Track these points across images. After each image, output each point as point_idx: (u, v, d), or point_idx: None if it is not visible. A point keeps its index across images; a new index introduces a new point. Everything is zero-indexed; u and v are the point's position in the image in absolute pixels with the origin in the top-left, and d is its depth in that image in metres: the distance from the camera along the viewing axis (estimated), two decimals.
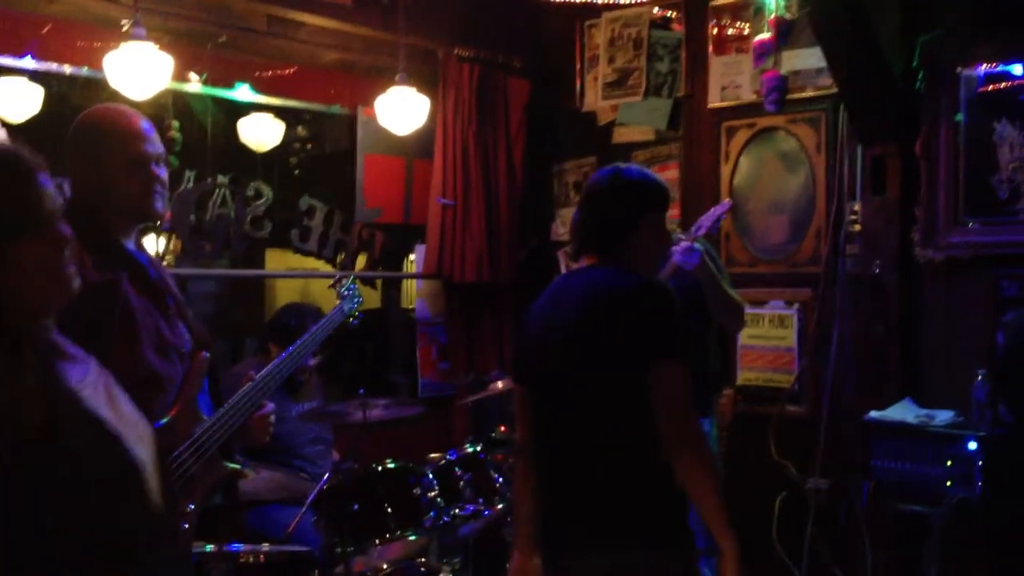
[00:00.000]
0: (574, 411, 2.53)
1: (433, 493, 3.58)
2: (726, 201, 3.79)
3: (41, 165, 1.55)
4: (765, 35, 4.66)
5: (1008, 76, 4.02)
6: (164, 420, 2.42)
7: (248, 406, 2.61)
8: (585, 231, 2.68)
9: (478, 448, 3.85)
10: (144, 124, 2.55)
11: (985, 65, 4.06)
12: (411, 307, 5.74)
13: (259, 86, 5.31)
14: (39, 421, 1.40)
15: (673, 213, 5.10)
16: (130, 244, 2.52)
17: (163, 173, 2.54)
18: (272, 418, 2.74)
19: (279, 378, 2.74)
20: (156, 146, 2.55)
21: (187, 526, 2.43)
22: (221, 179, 5.15)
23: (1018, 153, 3.99)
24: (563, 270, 5.58)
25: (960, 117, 4.10)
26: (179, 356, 2.51)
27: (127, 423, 1.59)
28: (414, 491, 3.54)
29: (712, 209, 3.90)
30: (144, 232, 2.94)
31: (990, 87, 4.07)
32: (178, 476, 2.40)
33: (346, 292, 3.39)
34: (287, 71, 5.46)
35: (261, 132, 5.30)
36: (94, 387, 1.60)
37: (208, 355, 2.60)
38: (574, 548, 2.51)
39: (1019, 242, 3.90)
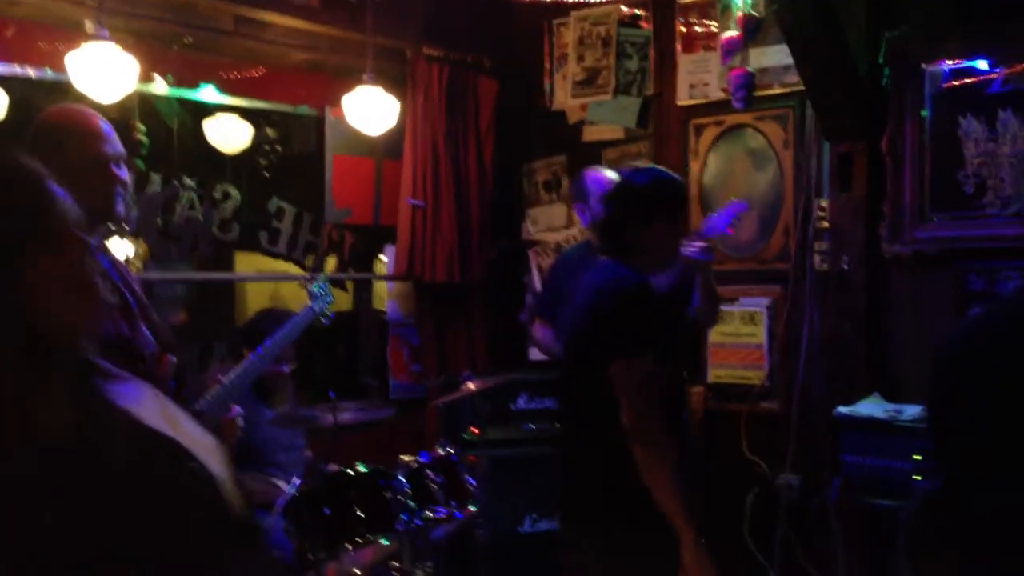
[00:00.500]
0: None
1: (405, 496, 3.55)
2: (740, 202, 3.83)
3: (46, 172, 1.49)
4: (732, 33, 4.66)
5: (973, 71, 4.05)
6: None
7: (217, 410, 2.59)
8: (600, 228, 3.07)
9: (450, 450, 3.83)
10: (103, 124, 2.52)
11: (950, 61, 4.09)
12: (382, 309, 5.71)
13: (226, 87, 5.27)
14: (75, 443, 1.31)
15: None
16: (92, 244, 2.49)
17: (123, 174, 2.51)
18: (240, 421, 2.71)
19: (248, 381, 2.73)
20: (116, 146, 2.52)
21: None
22: (188, 181, 5.10)
23: (983, 148, 4.02)
24: (534, 269, 5.58)
25: (926, 113, 4.13)
26: (141, 359, 2.49)
27: (193, 440, 1.52)
28: (386, 494, 3.51)
29: (725, 208, 3.87)
30: (108, 235, 2.90)
31: (955, 83, 4.09)
32: None
33: (318, 291, 3.37)
34: (254, 72, 5.42)
35: (228, 134, 5.25)
36: (151, 407, 1.52)
37: (174, 359, 2.57)
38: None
39: (985, 236, 3.93)
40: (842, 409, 3.94)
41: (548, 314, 4.19)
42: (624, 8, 5.22)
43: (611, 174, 4.15)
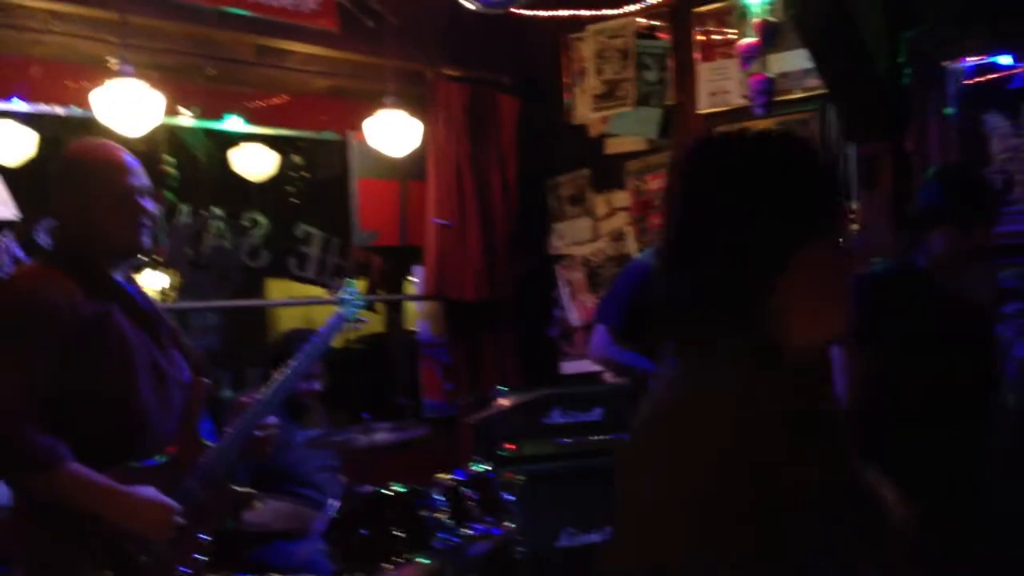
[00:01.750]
0: None
1: (442, 515, 3.56)
2: None
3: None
4: (750, 39, 4.66)
5: (995, 67, 4.03)
6: (161, 459, 2.43)
7: (252, 426, 2.62)
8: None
9: (485, 467, 3.84)
10: (127, 157, 2.56)
11: (971, 58, 4.07)
12: (413, 329, 5.73)
13: (250, 116, 5.33)
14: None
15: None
16: (118, 276, 2.52)
17: (150, 206, 2.55)
18: (275, 430, 2.74)
19: (280, 397, 2.75)
20: (141, 179, 2.55)
21: (200, 557, 2.43)
22: (216, 211, 5.16)
23: (1009, 143, 3.99)
24: (562, 283, 5.58)
25: (949, 111, 4.10)
26: (178, 386, 2.52)
27: None
28: (422, 513, 3.52)
29: None
30: (138, 267, 2.95)
31: (978, 79, 4.07)
32: (188, 506, 2.40)
33: (346, 297, 3.39)
34: (277, 100, 5.49)
35: (254, 162, 5.30)
36: None
37: (208, 382, 2.60)
38: None
39: (1016, 232, 3.89)
40: None
41: (617, 322, 3.89)
42: (641, 20, 5.23)
43: None
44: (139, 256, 2.66)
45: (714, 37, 4.97)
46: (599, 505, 4.58)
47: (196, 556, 2.43)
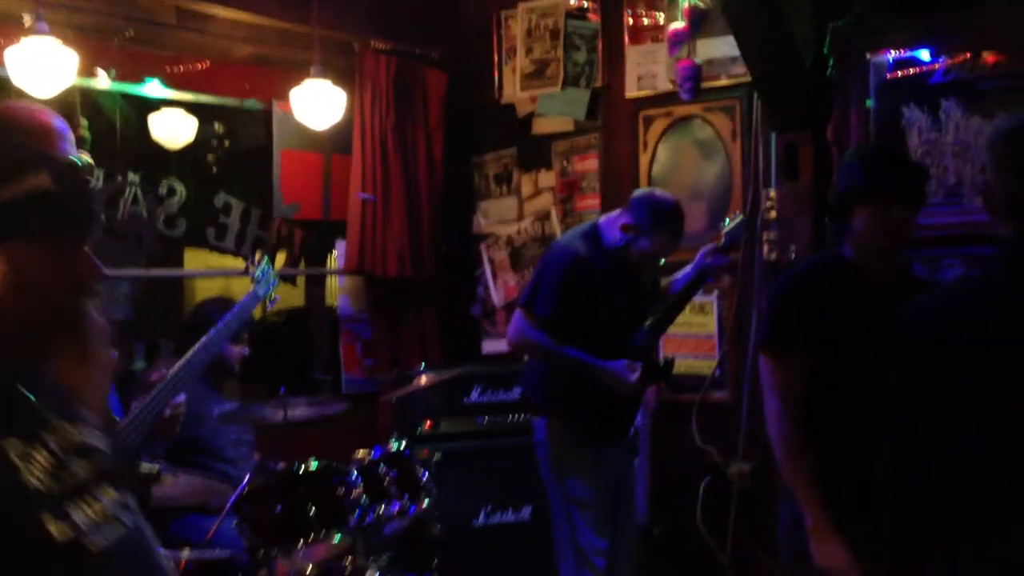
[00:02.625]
0: None
1: (358, 492, 3.53)
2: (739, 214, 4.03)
3: None
4: (679, 24, 4.68)
5: (916, 61, 4.10)
6: None
7: (161, 404, 2.56)
8: None
9: (403, 445, 3.82)
10: (58, 122, 2.46)
11: (894, 51, 4.14)
12: (334, 304, 5.67)
13: (170, 81, 5.19)
14: None
15: (593, 203, 5.13)
16: None
17: None
18: (183, 409, 2.68)
19: (194, 371, 2.69)
20: (72, 147, 2.46)
21: None
22: (132, 177, 5.02)
23: (926, 137, 4.07)
24: (486, 262, 5.57)
25: (870, 103, 4.17)
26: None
27: None
28: (338, 490, 3.49)
29: (736, 219, 4.03)
30: None
31: (899, 73, 4.14)
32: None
33: (260, 275, 3.32)
34: (199, 65, 5.35)
35: (173, 128, 5.17)
36: None
37: (116, 354, 2.53)
38: None
39: (928, 225, 3.97)
40: None
41: (548, 311, 3.73)
42: (572, 0, 5.22)
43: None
44: None
45: (644, 21, 4.98)
46: (517, 484, 4.60)
47: None
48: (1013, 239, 1.89)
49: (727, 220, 4.02)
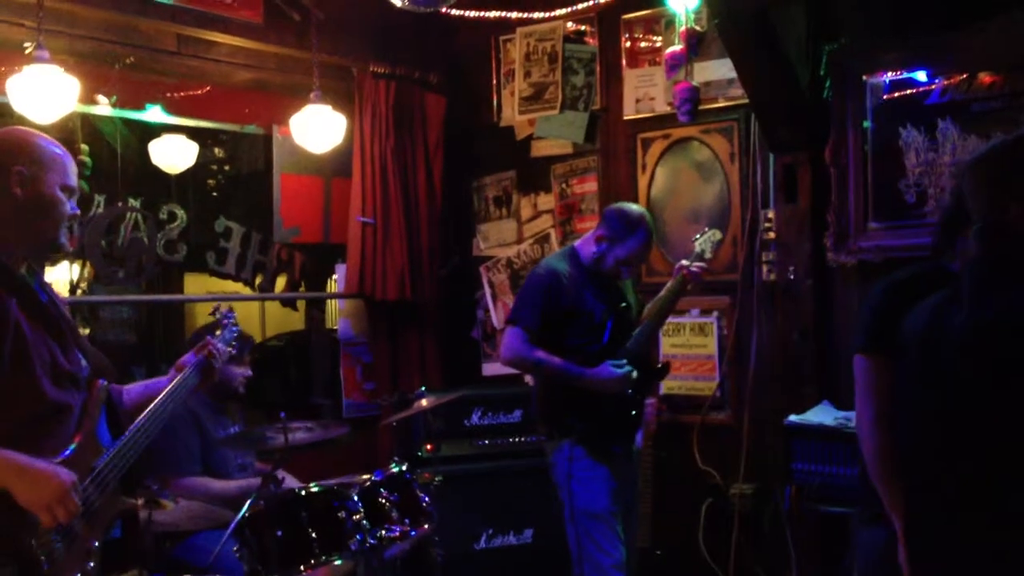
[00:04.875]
0: None
1: (359, 516, 3.51)
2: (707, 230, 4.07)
3: None
4: (676, 47, 4.71)
5: (912, 83, 4.13)
6: (68, 451, 2.35)
7: (147, 435, 2.55)
8: None
9: (404, 468, 3.81)
10: (57, 150, 2.48)
11: (890, 73, 4.16)
12: (334, 327, 5.68)
13: (171, 107, 5.23)
14: None
15: (592, 226, 5.14)
16: (22, 271, 2.44)
17: (73, 206, 2.48)
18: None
19: (174, 406, 2.67)
20: (72, 179, 2.49)
21: (92, 565, 2.36)
22: (133, 202, 5.04)
23: (924, 158, 4.09)
24: (485, 285, 5.58)
25: (867, 124, 4.19)
26: (76, 384, 2.44)
27: None
28: (339, 514, 3.47)
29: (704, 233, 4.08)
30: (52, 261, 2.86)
31: (895, 94, 4.17)
32: (84, 511, 2.32)
33: (224, 320, 3.29)
34: (199, 91, 5.39)
35: (173, 154, 5.21)
36: None
37: (105, 383, 2.53)
38: None
39: (927, 245, 3.97)
40: (792, 418, 3.98)
41: (534, 324, 3.87)
42: (569, 24, 5.25)
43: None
44: (53, 254, 2.58)
45: (641, 44, 5.02)
46: (519, 506, 4.59)
47: (89, 564, 2.35)
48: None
49: (698, 235, 4.07)
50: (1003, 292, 2.01)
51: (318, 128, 4.79)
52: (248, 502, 3.48)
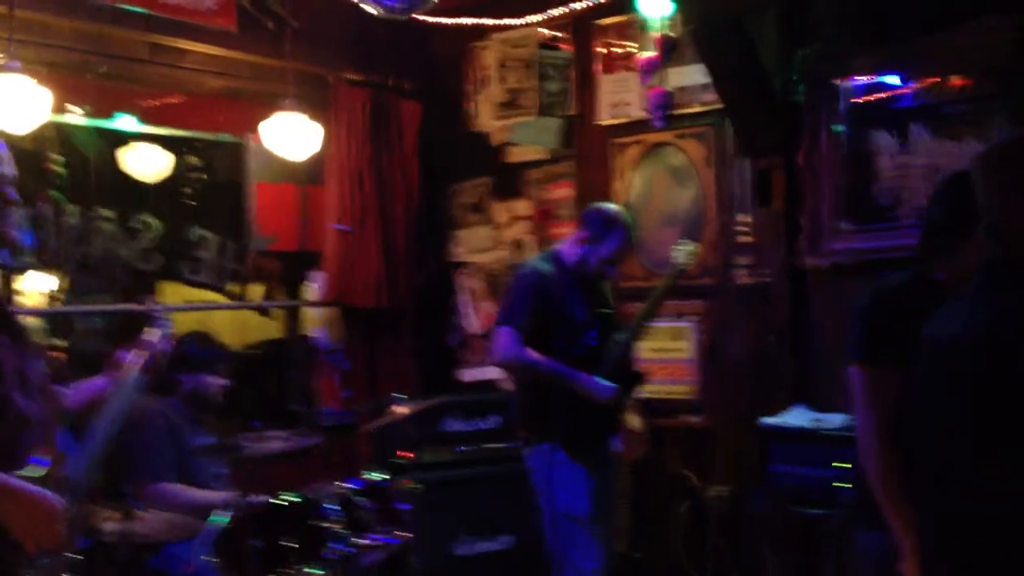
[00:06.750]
0: None
1: (336, 524, 3.52)
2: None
3: None
4: (650, 53, 4.73)
5: (884, 87, 4.16)
6: (42, 464, 2.33)
7: (108, 439, 2.54)
8: None
9: (381, 475, 3.81)
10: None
11: (862, 77, 4.20)
12: (310, 335, 5.66)
13: (144, 116, 5.19)
14: None
15: (568, 231, 5.15)
16: None
17: (12, 195, 2.46)
18: None
19: (126, 404, 2.66)
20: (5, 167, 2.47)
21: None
22: (106, 212, 5.00)
23: (896, 161, 4.13)
24: (462, 291, 5.58)
25: (840, 128, 4.22)
26: (39, 392, 2.42)
27: None
28: (316, 523, 3.48)
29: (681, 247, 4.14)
30: (22, 269, 2.84)
31: (867, 98, 4.20)
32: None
33: (156, 315, 3.30)
34: (173, 100, 5.36)
35: (147, 162, 5.17)
36: None
37: (61, 390, 2.52)
38: None
39: (900, 246, 4.01)
40: (768, 420, 4.00)
41: (524, 323, 3.90)
42: (544, 30, 5.26)
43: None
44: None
45: (615, 50, 5.03)
46: (498, 512, 4.59)
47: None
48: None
49: (676, 247, 4.14)
50: (1015, 291, 1.95)
51: (292, 135, 4.78)
52: (222, 513, 3.46)
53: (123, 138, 5.14)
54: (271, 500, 3.48)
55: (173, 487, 3.87)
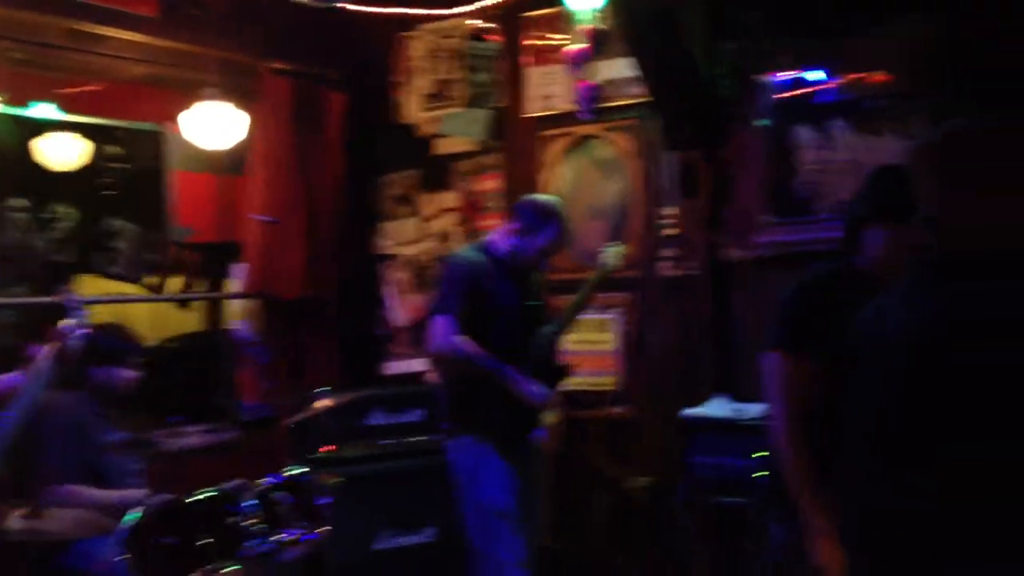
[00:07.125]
0: None
1: (253, 520, 3.44)
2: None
3: None
4: (579, 45, 4.72)
5: (807, 82, 4.21)
6: None
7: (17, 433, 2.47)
8: None
9: (300, 470, 3.73)
10: None
11: (785, 72, 4.23)
12: (231, 328, 5.56)
13: (64, 104, 5.06)
14: None
15: (496, 223, 5.12)
16: None
17: None
18: None
19: (37, 396, 2.59)
20: None
21: None
22: (18, 202, 4.86)
23: (817, 155, 4.17)
24: (388, 283, 5.52)
25: (763, 122, 4.26)
26: None
27: None
28: (232, 519, 3.39)
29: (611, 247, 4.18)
30: None
31: (790, 93, 4.24)
32: None
33: (69, 305, 3.24)
34: (92, 87, 5.23)
35: (62, 151, 5.04)
36: None
37: None
38: None
39: (820, 239, 4.06)
40: (688, 411, 4.01)
41: (460, 312, 3.88)
42: (474, 22, 5.22)
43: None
44: None
45: (545, 42, 5.01)
46: (419, 506, 4.55)
47: None
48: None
49: (605, 247, 4.16)
50: (951, 287, 1.95)
51: (214, 125, 4.69)
52: (131, 510, 3.37)
53: (40, 126, 5.00)
54: (185, 496, 3.39)
55: (76, 488, 3.77)
